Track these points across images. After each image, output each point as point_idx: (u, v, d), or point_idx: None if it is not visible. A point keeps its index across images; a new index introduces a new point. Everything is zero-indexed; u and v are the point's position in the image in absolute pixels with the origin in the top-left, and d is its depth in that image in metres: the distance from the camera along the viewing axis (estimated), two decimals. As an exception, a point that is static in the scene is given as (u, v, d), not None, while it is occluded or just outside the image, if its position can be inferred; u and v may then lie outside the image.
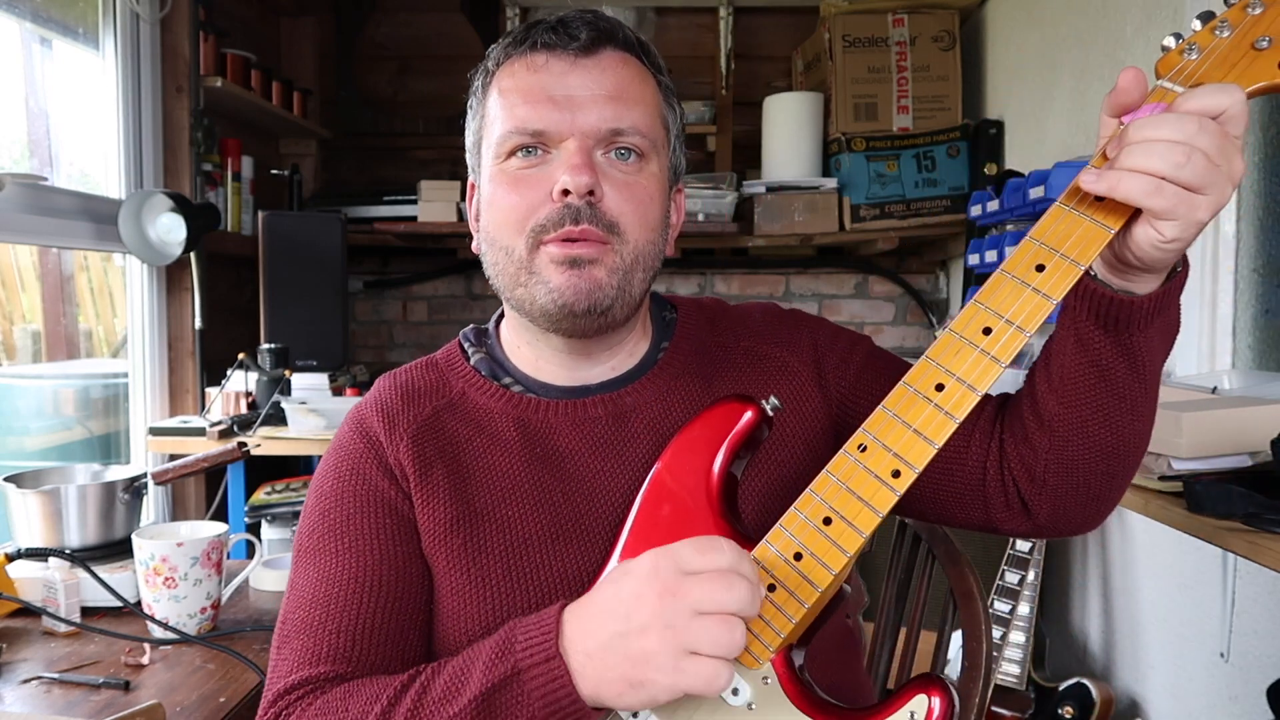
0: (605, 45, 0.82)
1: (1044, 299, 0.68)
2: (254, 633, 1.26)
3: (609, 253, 0.80)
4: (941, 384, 0.70)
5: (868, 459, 0.70)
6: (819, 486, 0.71)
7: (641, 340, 0.92)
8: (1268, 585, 1.57)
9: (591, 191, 0.79)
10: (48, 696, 1.08)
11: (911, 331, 3.29)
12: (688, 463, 0.76)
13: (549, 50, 0.82)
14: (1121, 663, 2.09)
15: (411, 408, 0.87)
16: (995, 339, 0.69)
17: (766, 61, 3.28)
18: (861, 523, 0.69)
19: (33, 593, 1.29)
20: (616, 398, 0.87)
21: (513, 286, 0.83)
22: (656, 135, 0.84)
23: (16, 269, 2.18)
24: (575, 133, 0.80)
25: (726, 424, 0.76)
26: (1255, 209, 1.73)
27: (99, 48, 2.27)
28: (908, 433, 0.69)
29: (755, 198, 2.82)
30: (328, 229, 2.59)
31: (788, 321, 0.95)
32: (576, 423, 0.86)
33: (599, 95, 0.81)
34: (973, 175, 2.79)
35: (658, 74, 0.87)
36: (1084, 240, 0.69)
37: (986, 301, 0.70)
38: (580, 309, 0.80)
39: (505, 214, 0.82)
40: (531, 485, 0.83)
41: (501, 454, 0.85)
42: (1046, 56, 2.44)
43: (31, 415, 2.26)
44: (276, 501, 2.26)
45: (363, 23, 3.31)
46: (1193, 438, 1.25)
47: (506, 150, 0.82)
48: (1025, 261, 0.70)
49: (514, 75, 0.83)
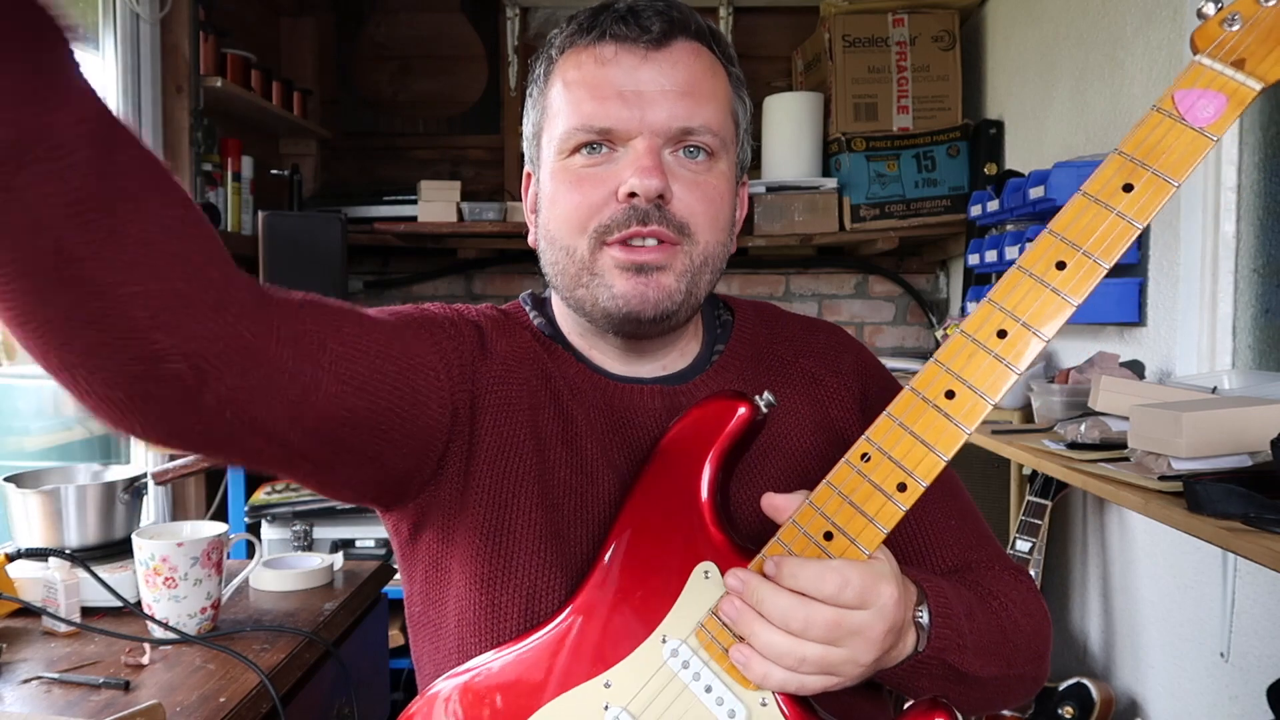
0: (678, 36, 0.78)
1: (1064, 300, 0.63)
2: (254, 633, 1.26)
3: (679, 255, 0.78)
4: (952, 391, 0.65)
5: (871, 470, 0.66)
6: (819, 498, 0.68)
7: (693, 340, 0.89)
8: (1268, 585, 1.57)
9: (662, 195, 0.76)
10: (48, 696, 1.08)
11: (911, 331, 3.29)
12: (680, 461, 0.74)
13: (618, 42, 0.77)
14: (1121, 662, 2.09)
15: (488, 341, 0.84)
16: (1010, 343, 0.64)
17: (766, 61, 3.28)
18: (865, 539, 0.66)
19: (33, 593, 1.29)
20: (673, 393, 0.84)
21: (573, 287, 0.80)
22: (727, 132, 0.81)
23: (16, 269, 2.17)
24: (644, 131, 0.76)
25: (720, 422, 0.74)
26: (1255, 209, 1.73)
27: (99, 47, 2.26)
28: (915, 443, 0.65)
29: (755, 198, 2.82)
30: (328, 229, 2.59)
31: (847, 354, 0.93)
32: (633, 409, 0.84)
33: (670, 91, 0.77)
34: (973, 175, 2.80)
35: (729, 65, 0.83)
36: (1109, 236, 0.63)
37: (1001, 301, 0.65)
38: (647, 316, 0.78)
39: (568, 213, 0.79)
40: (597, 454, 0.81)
41: (578, 409, 0.82)
42: (1046, 56, 2.44)
43: (31, 415, 2.26)
44: (276, 501, 2.26)
45: (363, 23, 3.31)
46: (1193, 438, 1.25)
47: (570, 146, 0.78)
48: (1045, 258, 0.64)
49: (580, 66, 0.79)
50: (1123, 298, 1.94)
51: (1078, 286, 0.63)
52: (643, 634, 0.72)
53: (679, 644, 0.71)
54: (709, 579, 0.71)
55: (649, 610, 0.72)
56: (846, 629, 0.64)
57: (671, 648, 0.71)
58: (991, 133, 2.74)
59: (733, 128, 0.82)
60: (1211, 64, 0.63)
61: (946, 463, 0.65)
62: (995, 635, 0.77)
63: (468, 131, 3.28)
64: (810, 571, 0.64)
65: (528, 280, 3.24)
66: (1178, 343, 1.81)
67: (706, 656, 0.70)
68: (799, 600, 0.64)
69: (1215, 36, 0.64)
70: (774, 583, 0.65)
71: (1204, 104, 0.62)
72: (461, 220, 2.87)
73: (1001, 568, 0.86)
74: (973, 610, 0.76)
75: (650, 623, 0.72)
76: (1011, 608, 0.81)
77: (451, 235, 2.93)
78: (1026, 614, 0.82)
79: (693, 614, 0.71)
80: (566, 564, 0.78)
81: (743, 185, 0.88)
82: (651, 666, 0.71)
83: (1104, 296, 1.95)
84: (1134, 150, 0.64)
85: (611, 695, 0.71)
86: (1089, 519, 2.22)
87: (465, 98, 3.27)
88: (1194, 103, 0.62)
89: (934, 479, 0.65)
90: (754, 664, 0.66)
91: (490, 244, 3.03)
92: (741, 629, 0.66)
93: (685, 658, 0.70)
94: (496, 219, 2.85)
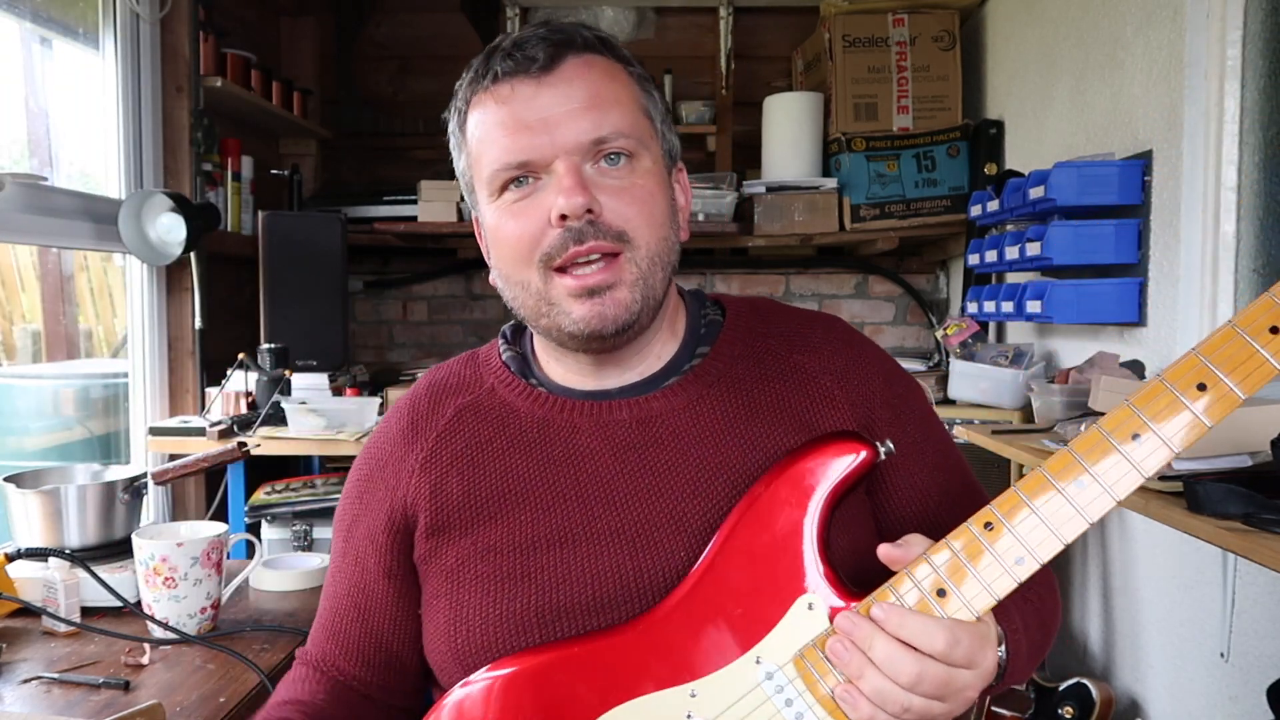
0: (565, 56, 0.80)
1: (1199, 420, 0.66)
2: (254, 633, 1.26)
3: (624, 265, 0.79)
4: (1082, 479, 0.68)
5: (993, 540, 0.69)
6: (936, 554, 0.70)
7: (669, 342, 0.89)
8: (1268, 585, 1.57)
9: (590, 209, 0.78)
10: (48, 696, 1.08)
11: (911, 331, 3.29)
12: (795, 492, 0.75)
13: (511, 77, 0.80)
14: (1121, 663, 2.09)
15: (438, 409, 0.89)
16: (1143, 448, 0.67)
17: (766, 61, 3.28)
18: (977, 604, 0.68)
19: (33, 593, 1.29)
20: (643, 402, 0.85)
21: (536, 318, 0.83)
22: (641, 130, 0.82)
23: (16, 269, 2.18)
24: (559, 154, 0.78)
25: (841, 462, 0.74)
26: (1255, 209, 1.73)
27: (99, 48, 2.27)
28: (1039, 524, 0.68)
29: (755, 198, 2.82)
30: (328, 229, 2.59)
31: (848, 352, 0.89)
32: (600, 424, 0.85)
33: (573, 109, 0.79)
34: (973, 175, 2.80)
35: (627, 65, 0.84)
36: (1251, 372, 0.65)
37: (1142, 408, 0.67)
38: (609, 332, 0.80)
39: (512, 248, 0.81)
40: (545, 487, 0.83)
41: (519, 454, 0.85)
42: (1046, 56, 2.44)
43: (31, 415, 2.26)
44: (276, 501, 2.26)
45: (363, 23, 3.31)
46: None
47: (498, 186, 0.81)
48: (1187, 377, 0.66)
49: (484, 109, 0.81)
50: (1123, 298, 1.94)
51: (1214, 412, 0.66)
52: (737, 652, 0.73)
53: (776, 669, 0.72)
54: (812, 611, 0.72)
55: (746, 630, 0.73)
56: (954, 687, 0.67)
57: (767, 670, 0.72)
58: (991, 133, 2.74)
59: (646, 123, 0.83)
60: None
61: (1066, 545, 0.68)
62: (1039, 633, 0.81)
63: (468, 131, 3.28)
64: (919, 625, 0.67)
65: (528, 280, 3.24)
66: (1178, 343, 1.81)
67: (802, 687, 0.71)
68: (911, 653, 0.66)
69: None
70: (880, 628, 0.68)
71: None
72: (461, 220, 2.87)
73: None
74: (1027, 621, 0.79)
75: (746, 643, 0.73)
76: (1042, 590, 0.84)
77: (451, 235, 2.93)
78: (1049, 590, 0.87)
79: (792, 642, 0.72)
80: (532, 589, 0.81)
81: (679, 172, 0.89)
82: (744, 686, 0.72)
83: (1104, 296, 1.95)
84: None
85: (696, 705, 0.72)
86: (1089, 519, 2.22)
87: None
88: None
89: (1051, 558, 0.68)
90: (861, 706, 0.68)
91: (490, 244, 3.03)
92: (850, 670, 0.68)
93: (781, 684, 0.72)
94: (496, 219, 2.85)
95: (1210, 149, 1.74)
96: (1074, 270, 2.05)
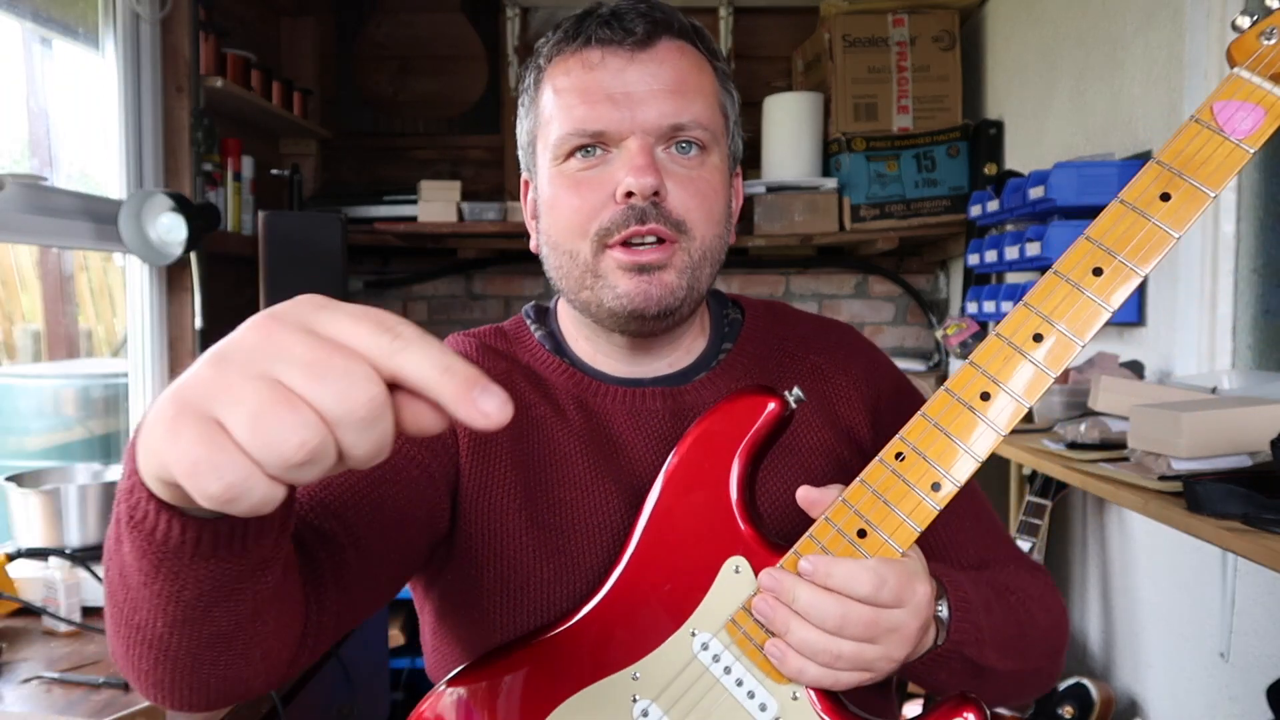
0: (661, 36, 0.80)
1: (1100, 306, 0.64)
2: (254, 632, 1.26)
3: (677, 252, 0.79)
4: (987, 393, 0.66)
5: (906, 469, 0.67)
6: (853, 496, 0.68)
7: (699, 337, 0.91)
8: (1268, 585, 1.57)
9: (656, 192, 0.77)
10: (48, 696, 1.08)
11: (911, 331, 3.29)
12: (708, 456, 0.74)
13: (604, 46, 0.79)
14: (1121, 662, 2.10)
15: (486, 359, 0.87)
16: (1047, 348, 0.65)
17: (766, 61, 3.28)
18: (899, 538, 0.67)
19: (33, 592, 1.29)
20: (676, 393, 0.86)
21: (578, 289, 0.82)
22: (716, 125, 0.82)
23: (16, 269, 2.18)
24: (636, 131, 0.78)
25: (749, 417, 0.74)
26: (1255, 209, 1.73)
27: (99, 48, 2.27)
28: (949, 443, 0.66)
29: (755, 198, 2.82)
30: (328, 229, 2.59)
31: (862, 359, 0.93)
32: (634, 413, 0.85)
33: (658, 90, 0.78)
34: (973, 175, 2.80)
35: (714, 60, 0.84)
36: (1146, 244, 0.63)
37: (1038, 305, 0.65)
38: (651, 313, 0.79)
39: (568, 217, 0.80)
40: (587, 467, 0.82)
41: (564, 428, 0.84)
42: (1046, 56, 2.44)
43: (31, 415, 2.26)
44: (276, 501, 2.25)
45: (363, 23, 3.31)
46: (1192, 438, 1.25)
47: (565, 152, 0.80)
48: (1081, 264, 0.65)
49: (569, 73, 0.80)
50: (1122, 298, 1.93)
51: (1114, 293, 0.64)
52: (671, 627, 0.72)
53: (710, 638, 0.71)
54: (739, 574, 0.71)
55: (678, 604, 0.72)
56: (883, 627, 0.65)
57: (702, 641, 0.71)
58: (991, 133, 2.74)
59: (722, 121, 0.84)
60: (1250, 77, 0.64)
61: (981, 463, 0.66)
62: (1013, 630, 0.79)
63: (468, 131, 3.28)
64: (845, 570, 0.65)
65: (528, 280, 3.24)
66: (1177, 343, 1.81)
67: (738, 651, 0.70)
68: (834, 598, 0.65)
69: (1253, 50, 0.64)
70: (809, 580, 0.66)
71: (1242, 116, 0.63)
72: (462, 220, 2.87)
73: (1018, 565, 0.88)
74: (990, 605, 0.77)
75: (679, 617, 0.72)
76: (1030, 603, 0.82)
77: (451, 235, 2.93)
78: (1044, 609, 0.84)
79: (723, 608, 0.71)
80: (573, 577, 0.79)
81: (736, 176, 0.89)
82: (681, 660, 0.72)
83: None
84: (1172, 160, 0.64)
85: (640, 687, 0.72)
86: (1089, 519, 2.23)
87: (465, 98, 3.28)
88: (1232, 115, 0.63)
89: (968, 479, 0.66)
90: (789, 659, 0.67)
91: (490, 244, 3.03)
92: (776, 626, 0.67)
93: (716, 651, 0.71)
94: (497, 219, 2.85)
95: (1210, 149, 1.74)
96: (1074, 270, 2.04)
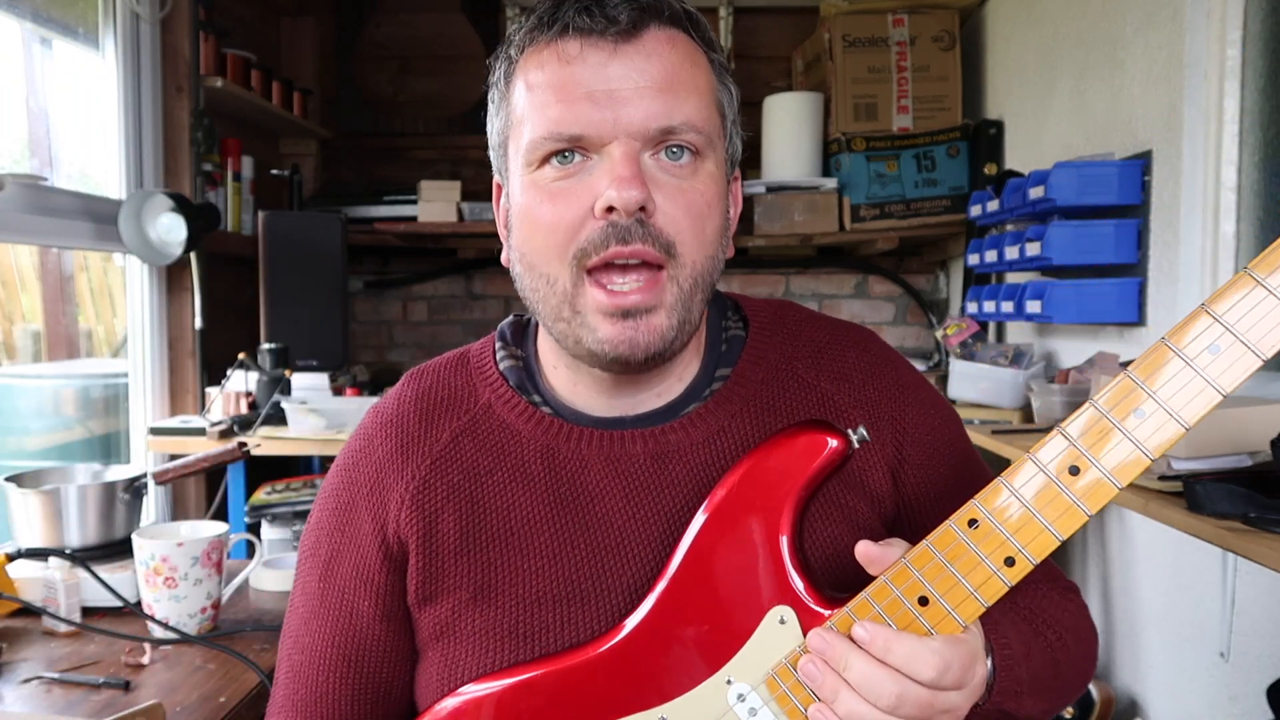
0: (650, 24, 0.69)
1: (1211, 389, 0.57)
2: (254, 633, 1.26)
3: (666, 288, 0.69)
4: (1077, 467, 0.59)
5: (978, 539, 0.61)
6: (917, 560, 0.62)
7: (693, 361, 0.79)
8: (1268, 585, 1.57)
9: (643, 207, 0.67)
10: (48, 696, 1.08)
11: (911, 331, 3.29)
12: (760, 493, 0.67)
13: (583, 35, 0.68)
14: (1121, 662, 2.09)
15: (430, 430, 0.78)
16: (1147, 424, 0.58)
17: (766, 61, 3.28)
18: (964, 611, 0.61)
19: (33, 593, 1.29)
20: (660, 434, 0.76)
21: (554, 319, 0.72)
22: (712, 127, 0.71)
23: (16, 269, 2.18)
24: (619, 135, 0.67)
25: (808, 455, 0.67)
26: (1255, 209, 1.73)
27: (99, 48, 2.27)
28: (1030, 518, 0.60)
29: (755, 198, 2.82)
30: (328, 229, 2.59)
31: (880, 380, 0.81)
32: (611, 459, 0.75)
33: (645, 87, 0.67)
34: (972, 175, 2.80)
35: (710, 50, 0.73)
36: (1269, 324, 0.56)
37: (1143, 378, 0.58)
38: (638, 360, 0.70)
39: (544, 235, 0.70)
40: (551, 534, 0.74)
41: (522, 490, 0.75)
42: (1046, 56, 2.44)
43: (31, 415, 2.26)
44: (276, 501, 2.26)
45: (363, 23, 3.31)
46: (1193, 437, 1.25)
47: (539, 158, 0.70)
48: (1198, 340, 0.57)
49: (543, 67, 0.69)
50: (1123, 298, 1.94)
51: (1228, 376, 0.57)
52: (706, 672, 0.68)
53: (748, 690, 0.67)
54: (784, 625, 0.66)
55: (714, 649, 0.67)
56: (938, 709, 0.61)
57: (739, 691, 0.67)
58: (991, 133, 2.74)
59: (718, 121, 0.73)
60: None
61: (1061, 543, 0.60)
62: (1049, 671, 0.74)
63: (468, 131, 3.28)
64: (908, 649, 0.60)
65: (528, 280, 3.24)
66: (1178, 343, 1.81)
67: (778, 709, 0.66)
68: (891, 675, 0.60)
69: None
70: (864, 650, 0.62)
71: None
72: (461, 220, 2.87)
73: (1052, 587, 0.82)
74: (1030, 650, 0.72)
75: (715, 662, 0.68)
76: (1065, 634, 0.78)
77: (451, 235, 2.93)
78: (1078, 639, 0.79)
79: (764, 660, 0.67)
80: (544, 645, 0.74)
81: (735, 181, 0.79)
82: (715, 709, 0.67)
83: (1104, 297, 1.95)
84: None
85: None
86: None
87: (465, 98, 3.27)
88: None
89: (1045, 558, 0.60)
90: None
91: (490, 244, 3.03)
92: (823, 692, 0.63)
93: (754, 705, 0.67)
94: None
95: (1210, 149, 1.74)
96: (1074, 270, 2.05)
